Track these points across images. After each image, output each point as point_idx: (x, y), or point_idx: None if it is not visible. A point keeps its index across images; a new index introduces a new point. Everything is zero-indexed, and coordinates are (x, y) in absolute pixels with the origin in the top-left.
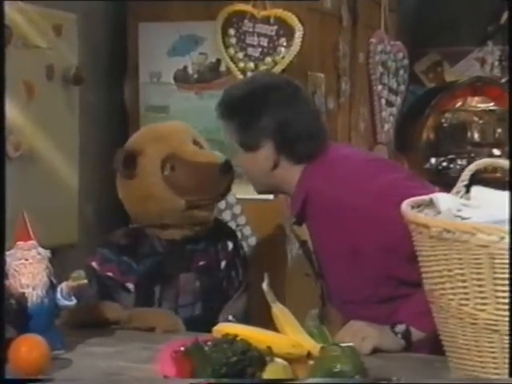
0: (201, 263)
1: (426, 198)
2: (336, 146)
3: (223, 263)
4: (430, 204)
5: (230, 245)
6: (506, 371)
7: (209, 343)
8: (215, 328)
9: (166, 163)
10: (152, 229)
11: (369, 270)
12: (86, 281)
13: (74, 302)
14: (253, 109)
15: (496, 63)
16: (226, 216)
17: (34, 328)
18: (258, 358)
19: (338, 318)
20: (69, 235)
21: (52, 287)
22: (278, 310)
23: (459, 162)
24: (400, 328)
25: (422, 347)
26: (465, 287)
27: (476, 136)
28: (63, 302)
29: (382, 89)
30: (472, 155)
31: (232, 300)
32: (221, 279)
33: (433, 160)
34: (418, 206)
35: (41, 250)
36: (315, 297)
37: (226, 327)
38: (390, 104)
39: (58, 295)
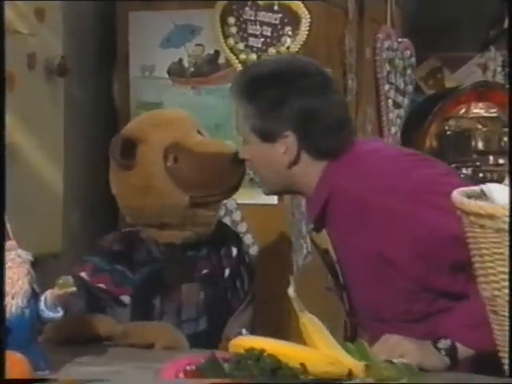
0: (204, 271)
1: (475, 188)
2: (363, 140)
3: (227, 271)
4: (482, 196)
5: (234, 251)
6: None
7: (228, 359)
8: (233, 342)
9: (168, 153)
10: (148, 231)
11: (402, 282)
12: (74, 288)
13: (60, 313)
14: (277, 92)
15: (499, 69)
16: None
17: (13, 343)
18: (291, 378)
19: (365, 337)
20: (52, 243)
21: (34, 296)
22: (308, 320)
23: (464, 170)
24: (444, 344)
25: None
26: None
27: (480, 144)
28: (48, 314)
29: (389, 88)
30: (477, 164)
31: (237, 313)
32: (225, 289)
33: None
34: (467, 198)
35: (21, 252)
36: (325, 313)
37: (249, 340)
38: (397, 105)
39: (42, 305)
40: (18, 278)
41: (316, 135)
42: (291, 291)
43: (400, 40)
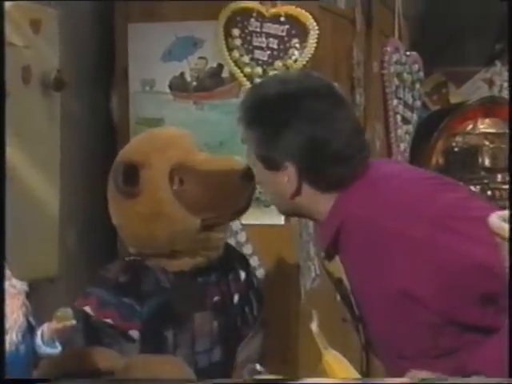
0: (215, 299)
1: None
2: (380, 162)
3: (236, 297)
4: None
5: (243, 275)
6: None
7: None
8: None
9: (173, 176)
10: (156, 260)
11: (425, 315)
12: (73, 321)
13: (58, 349)
14: (278, 120)
15: (505, 84)
16: None
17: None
18: None
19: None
20: (48, 266)
21: (30, 330)
22: (332, 358)
23: (472, 188)
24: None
25: None
26: None
27: (487, 161)
28: (44, 350)
29: (398, 103)
30: (485, 181)
31: (246, 340)
32: (234, 316)
33: None
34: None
35: (15, 282)
36: (335, 341)
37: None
38: (406, 121)
39: (39, 340)
40: (12, 311)
41: (320, 167)
42: (314, 326)
43: (408, 53)
